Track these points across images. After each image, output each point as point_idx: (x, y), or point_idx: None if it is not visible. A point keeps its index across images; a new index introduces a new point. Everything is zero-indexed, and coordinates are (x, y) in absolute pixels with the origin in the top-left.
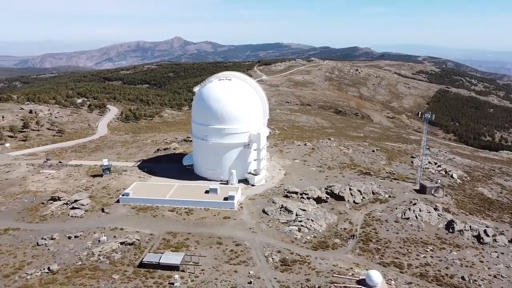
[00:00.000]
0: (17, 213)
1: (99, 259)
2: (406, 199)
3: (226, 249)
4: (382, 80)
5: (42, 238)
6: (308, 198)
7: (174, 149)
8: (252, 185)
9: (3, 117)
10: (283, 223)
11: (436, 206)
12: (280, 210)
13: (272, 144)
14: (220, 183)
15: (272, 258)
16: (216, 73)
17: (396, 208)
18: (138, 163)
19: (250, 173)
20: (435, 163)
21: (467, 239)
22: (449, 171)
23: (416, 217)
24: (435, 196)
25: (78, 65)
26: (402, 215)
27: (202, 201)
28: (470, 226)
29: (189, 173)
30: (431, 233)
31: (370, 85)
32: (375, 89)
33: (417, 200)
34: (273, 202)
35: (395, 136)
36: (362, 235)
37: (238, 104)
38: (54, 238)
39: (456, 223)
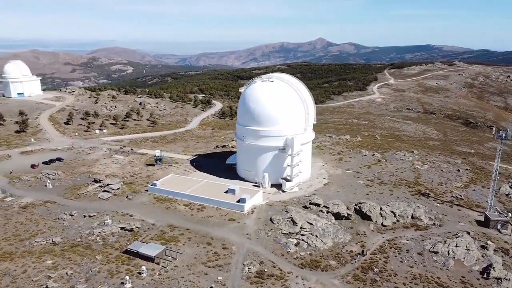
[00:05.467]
0: (64, 189)
1: (96, 239)
2: (454, 230)
3: (211, 250)
4: None
5: (64, 213)
6: (328, 212)
7: (232, 147)
8: (283, 191)
9: (115, 107)
10: (284, 234)
11: (486, 243)
12: (287, 220)
13: (336, 152)
14: (254, 185)
15: (249, 268)
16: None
17: (430, 238)
18: (194, 157)
19: (283, 178)
20: None
21: None
22: None
23: (448, 253)
24: (500, 232)
25: (227, 64)
26: (431, 247)
27: (215, 200)
28: None
29: (232, 172)
30: (457, 274)
31: None
32: None
33: (466, 232)
34: (285, 211)
35: None
36: (367, 262)
37: (274, 106)
38: (73, 215)
39: (494, 268)
